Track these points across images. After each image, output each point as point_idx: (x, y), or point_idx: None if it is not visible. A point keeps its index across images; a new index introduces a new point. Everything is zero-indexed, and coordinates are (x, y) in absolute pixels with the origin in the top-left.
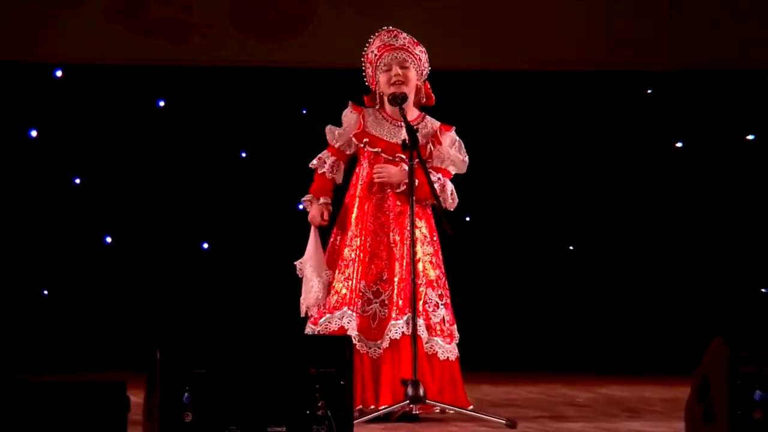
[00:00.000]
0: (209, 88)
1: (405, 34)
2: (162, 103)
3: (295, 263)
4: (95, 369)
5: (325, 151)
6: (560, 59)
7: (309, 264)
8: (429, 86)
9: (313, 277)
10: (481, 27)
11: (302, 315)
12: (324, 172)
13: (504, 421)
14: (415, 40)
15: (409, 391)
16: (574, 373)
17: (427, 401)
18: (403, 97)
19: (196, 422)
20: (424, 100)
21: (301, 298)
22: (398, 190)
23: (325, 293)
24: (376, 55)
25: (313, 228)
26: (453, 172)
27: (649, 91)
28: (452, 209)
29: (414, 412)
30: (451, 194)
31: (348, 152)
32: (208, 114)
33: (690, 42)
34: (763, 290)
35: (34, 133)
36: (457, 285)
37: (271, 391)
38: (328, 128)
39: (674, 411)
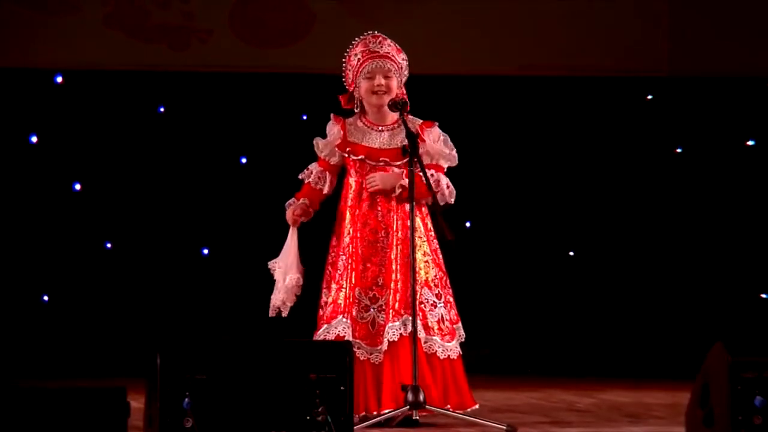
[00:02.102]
0: (209, 94)
1: (389, 41)
2: (162, 109)
3: (268, 263)
4: (96, 375)
5: (314, 163)
6: (560, 65)
7: (278, 265)
8: (404, 92)
9: (279, 279)
10: (480, 33)
11: (270, 315)
12: (309, 182)
13: (504, 427)
14: (398, 47)
15: (409, 396)
16: (575, 378)
17: (427, 406)
18: (403, 103)
19: (196, 428)
20: None
21: (271, 297)
22: (394, 194)
23: (290, 296)
24: (359, 60)
25: (291, 229)
26: (445, 166)
27: (649, 97)
28: (452, 202)
29: (414, 417)
30: (448, 187)
31: (333, 162)
32: (208, 120)
33: (690, 48)
34: (763, 296)
35: (34, 139)
36: (458, 290)
37: (271, 397)
38: (315, 140)
39: (675, 416)
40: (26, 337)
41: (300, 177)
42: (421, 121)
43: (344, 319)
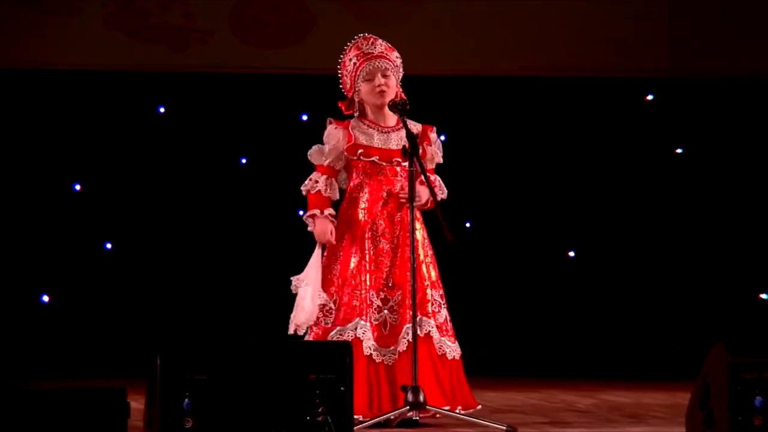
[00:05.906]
0: (209, 95)
1: (381, 41)
2: (162, 110)
3: (291, 278)
4: (96, 375)
5: (314, 173)
6: (559, 65)
7: (306, 283)
8: (401, 90)
9: (307, 297)
10: (480, 34)
11: (290, 332)
12: (319, 191)
13: (504, 427)
14: (390, 46)
15: (409, 396)
16: (575, 379)
17: (427, 407)
18: (404, 104)
19: (196, 428)
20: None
21: (292, 315)
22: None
23: (313, 316)
24: (355, 64)
25: (318, 246)
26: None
27: (650, 97)
28: (445, 197)
29: (414, 418)
30: (440, 186)
31: (338, 168)
32: (208, 120)
33: (690, 48)
34: (763, 296)
35: (34, 140)
36: (458, 291)
37: (271, 398)
38: (315, 148)
39: (675, 417)
40: (26, 338)
41: (306, 189)
42: (420, 124)
43: (363, 322)
